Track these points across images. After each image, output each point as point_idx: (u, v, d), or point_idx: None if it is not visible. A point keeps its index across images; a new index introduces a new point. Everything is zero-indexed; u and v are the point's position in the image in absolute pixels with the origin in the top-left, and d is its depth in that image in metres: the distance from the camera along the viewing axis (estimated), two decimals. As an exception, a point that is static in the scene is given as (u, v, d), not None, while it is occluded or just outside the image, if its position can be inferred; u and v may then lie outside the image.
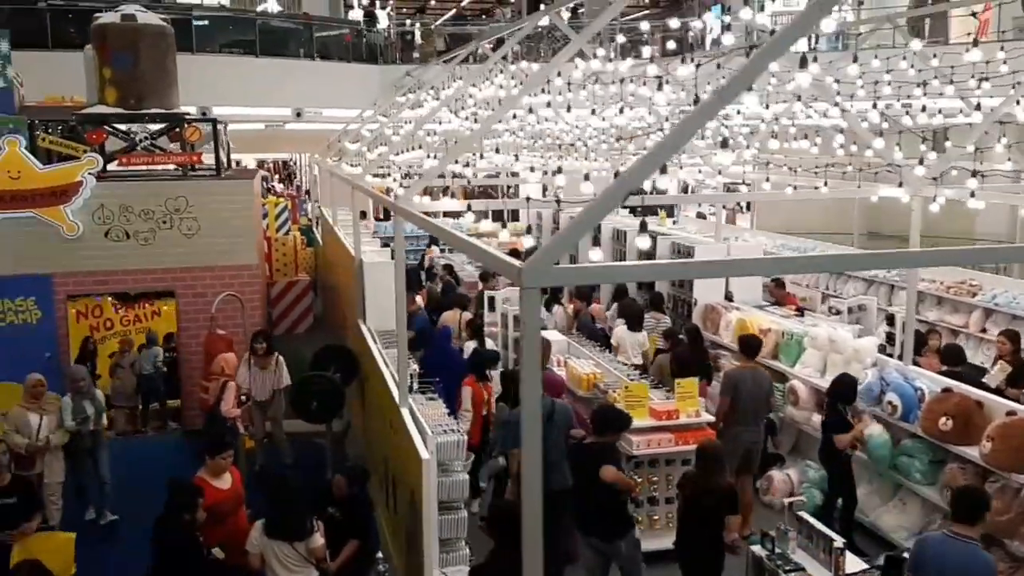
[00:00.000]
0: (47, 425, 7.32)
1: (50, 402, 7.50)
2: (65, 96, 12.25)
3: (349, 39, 21.25)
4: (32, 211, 9.19)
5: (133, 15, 10.26)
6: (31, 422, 7.28)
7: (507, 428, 6.66)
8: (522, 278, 2.86)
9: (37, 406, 7.40)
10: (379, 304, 8.73)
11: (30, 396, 7.41)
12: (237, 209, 9.85)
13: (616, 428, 5.92)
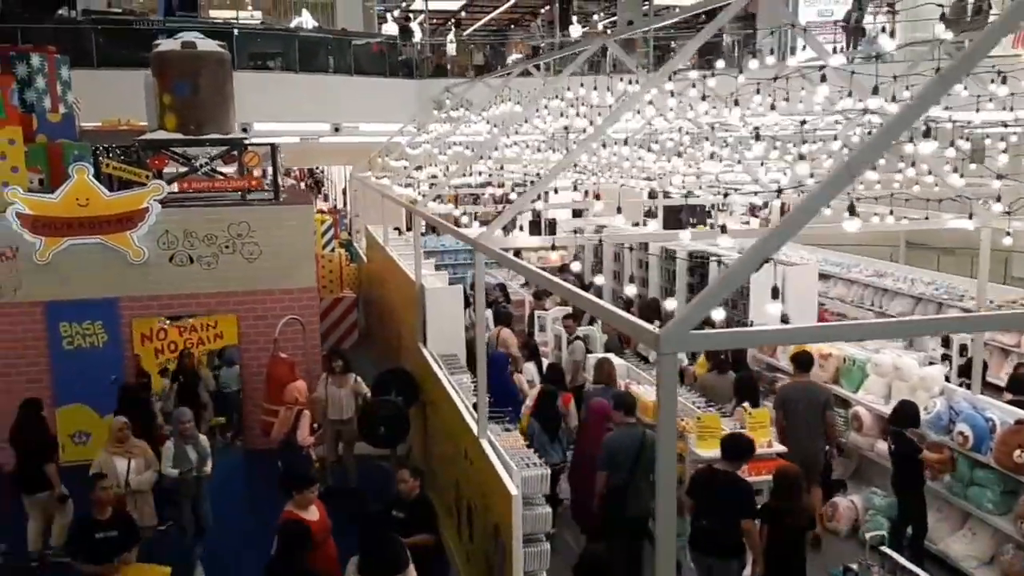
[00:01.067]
0: (135, 469, 7.06)
1: (136, 445, 7.24)
2: (120, 119, 12.49)
3: (376, 49, 21.46)
4: (100, 237, 9.42)
5: (193, 43, 10.48)
6: (117, 467, 7.02)
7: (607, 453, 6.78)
8: (660, 344, 2.97)
9: (123, 450, 7.15)
10: (441, 329, 8.88)
11: (115, 440, 7.15)
12: (297, 234, 10.03)
13: (748, 455, 6.11)
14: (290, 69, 18.91)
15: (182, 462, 7.18)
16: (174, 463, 7.17)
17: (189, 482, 7.22)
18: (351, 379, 8.79)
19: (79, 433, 9.73)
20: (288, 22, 24.47)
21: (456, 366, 8.39)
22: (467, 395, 7.51)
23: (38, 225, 9.23)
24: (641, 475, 6.63)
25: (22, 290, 9.39)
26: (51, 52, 11.16)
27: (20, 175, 9.39)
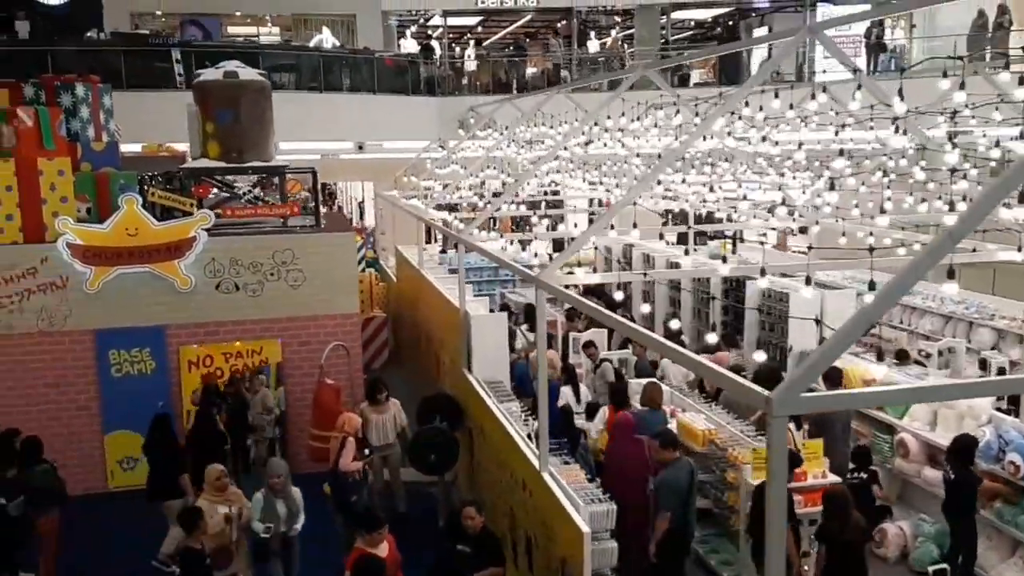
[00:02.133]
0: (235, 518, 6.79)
1: (234, 493, 7.01)
2: (160, 145, 12.67)
3: (390, 63, 21.64)
4: (148, 266, 9.58)
5: (235, 72, 10.66)
6: (219, 515, 6.76)
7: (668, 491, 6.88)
8: (772, 407, 3.08)
9: (223, 499, 6.93)
10: (485, 355, 9.01)
11: (214, 489, 6.90)
12: (339, 261, 10.18)
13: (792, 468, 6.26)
14: (314, 88, 19.11)
15: (270, 517, 6.90)
16: (262, 517, 6.89)
17: (275, 538, 6.95)
18: (392, 406, 8.91)
19: (127, 459, 9.88)
20: (308, 39, 24.67)
21: (503, 393, 8.51)
22: (518, 423, 7.65)
23: (88, 255, 9.39)
24: (692, 503, 6.98)
25: (72, 318, 9.55)
26: (94, 81, 11.36)
27: (69, 205, 9.56)
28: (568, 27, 27.33)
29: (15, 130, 9.36)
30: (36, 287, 9.41)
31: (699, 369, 4.32)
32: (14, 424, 9.41)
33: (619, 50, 21.48)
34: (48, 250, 9.38)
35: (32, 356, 9.54)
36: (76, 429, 9.73)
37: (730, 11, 27.06)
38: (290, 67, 19.60)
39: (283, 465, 7.08)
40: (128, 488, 9.87)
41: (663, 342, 4.46)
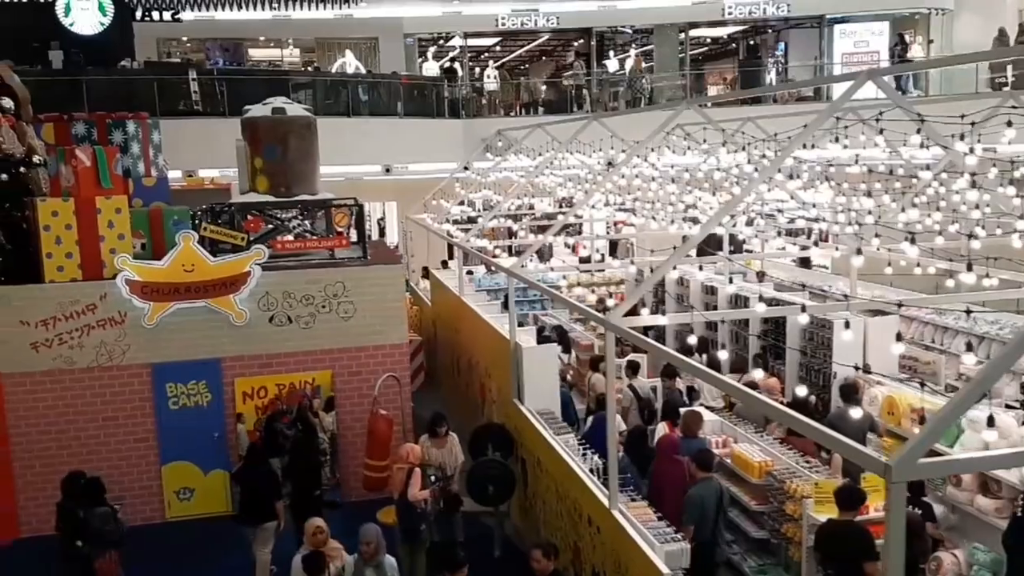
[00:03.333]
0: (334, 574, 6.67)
1: (335, 548, 6.87)
2: (205, 179, 12.91)
3: (406, 81, 21.88)
4: (204, 301, 9.79)
5: (283, 108, 10.90)
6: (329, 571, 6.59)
7: (692, 507, 7.20)
8: (891, 474, 3.25)
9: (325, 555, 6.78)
10: (537, 386, 9.20)
11: (312, 543, 6.84)
12: (389, 293, 10.39)
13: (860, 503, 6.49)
14: (342, 113, 19.37)
15: None
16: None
17: None
18: (451, 440, 9.10)
19: (183, 490, 10.08)
20: (331, 61, 24.98)
21: (557, 424, 8.69)
22: (574, 454, 7.83)
23: (147, 291, 9.61)
24: (721, 521, 7.37)
25: (130, 353, 9.77)
26: (144, 118, 11.61)
27: (126, 242, 9.79)
28: (585, 45, 27.62)
29: (74, 170, 9.58)
30: (96, 323, 9.63)
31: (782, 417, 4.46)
32: (74, 455, 9.74)
33: (641, 70, 21.70)
34: (107, 287, 9.60)
35: (92, 390, 9.75)
36: (134, 461, 9.93)
37: (744, 28, 27.29)
38: (317, 92, 19.90)
39: (374, 530, 6.84)
40: (185, 518, 10.10)
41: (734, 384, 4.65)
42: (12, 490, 9.70)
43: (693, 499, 7.23)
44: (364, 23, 24.00)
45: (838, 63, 23.07)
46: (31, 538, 9.67)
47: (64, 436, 9.74)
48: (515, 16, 24.15)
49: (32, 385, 9.62)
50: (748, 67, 22.67)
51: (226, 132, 16.58)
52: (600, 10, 24.06)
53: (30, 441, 9.68)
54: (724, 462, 8.38)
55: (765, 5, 23.47)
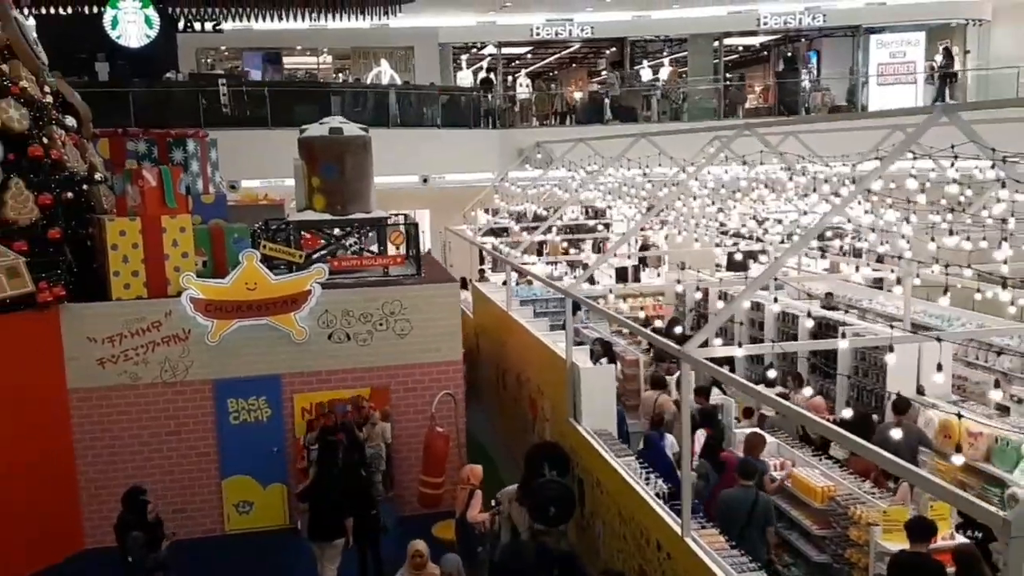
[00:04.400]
0: None
1: (431, 572, 7.02)
2: (258, 194, 13.11)
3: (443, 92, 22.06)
4: (266, 318, 9.98)
5: (340, 128, 11.07)
6: None
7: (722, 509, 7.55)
8: (1012, 530, 3.34)
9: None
10: (594, 406, 9.31)
11: (412, 566, 7.01)
12: (445, 310, 10.54)
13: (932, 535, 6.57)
14: (381, 124, 19.54)
15: None
16: None
17: None
18: None
19: (243, 503, 10.27)
20: (367, 70, 25.21)
21: (617, 445, 8.79)
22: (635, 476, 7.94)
23: (210, 308, 9.81)
24: (753, 531, 7.50)
25: (193, 369, 9.97)
26: (203, 136, 11.81)
27: (189, 260, 10.00)
28: (617, 53, 27.71)
29: (140, 190, 9.80)
30: (160, 339, 9.84)
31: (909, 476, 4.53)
32: (138, 469, 9.98)
33: (676, 80, 21.76)
34: (172, 304, 9.80)
35: (156, 405, 9.96)
36: (195, 475, 10.14)
37: (778, 38, 27.28)
38: (357, 104, 20.11)
39: (455, 562, 7.00)
40: (244, 531, 10.30)
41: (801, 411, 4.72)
42: (78, 502, 9.93)
43: (726, 502, 7.65)
44: (400, 32, 24.20)
45: (874, 75, 23.02)
46: (95, 549, 9.89)
47: (128, 450, 9.96)
48: (550, 26, 24.28)
49: (98, 400, 9.84)
50: (785, 79, 22.59)
51: (268, 143, 16.91)
52: (634, 20, 24.15)
53: (95, 454, 9.91)
54: (784, 486, 8.46)
55: (801, 15, 23.48)
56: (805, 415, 5.51)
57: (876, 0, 23.11)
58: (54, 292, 9.44)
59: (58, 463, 9.72)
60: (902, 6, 23.26)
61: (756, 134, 9.56)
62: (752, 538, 7.52)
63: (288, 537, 10.09)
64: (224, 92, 18.17)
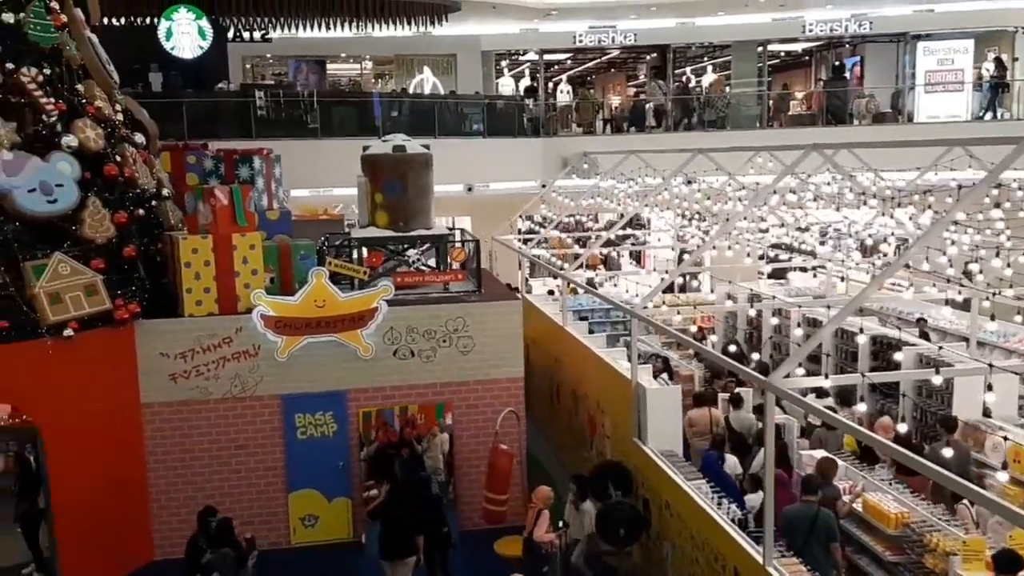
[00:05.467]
0: None
1: None
2: (318, 209, 13.29)
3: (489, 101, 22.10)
4: (334, 335, 10.13)
5: (403, 146, 11.20)
6: None
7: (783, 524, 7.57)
8: None
9: None
10: (660, 426, 9.36)
11: None
12: (507, 328, 10.63)
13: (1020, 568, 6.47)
14: (428, 134, 19.69)
15: None
16: None
17: None
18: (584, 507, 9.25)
19: (308, 516, 10.44)
20: (409, 77, 25.37)
21: (686, 468, 8.83)
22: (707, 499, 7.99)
23: (280, 325, 9.98)
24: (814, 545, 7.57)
25: (262, 384, 10.15)
26: (268, 154, 12.00)
27: (259, 277, 10.18)
28: (658, 58, 27.62)
29: (212, 208, 9.99)
30: (231, 355, 10.03)
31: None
32: (207, 482, 10.20)
33: (722, 89, 21.68)
34: (242, 321, 9.99)
35: (225, 420, 10.16)
36: (263, 488, 10.32)
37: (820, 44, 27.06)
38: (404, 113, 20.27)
39: None
40: (309, 544, 10.47)
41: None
42: (148, 514, 10.15)
43: (784, 515, 7.69)
44: (442, 40, 24.28)
45: (921, 83, 22.78)
46: (164, 561, 10.12)
47: (198, 463, 10.17)
48: (592, 33, 24.27)
49: (170, 414, 10.06)
50: (833, 87, 22.41)
51: (317, 153, 17.14)
52: (678, 27, 24.07)
53: (166, 467, 10.13)
54: (854, 510, 8.46)
55: (847, 22, 23.28)
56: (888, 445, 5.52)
57: (924, 7, 22.82)
58: (130, 309, 9.65)
59: (131, 476, 9.94)
60: (950, 13, 22.96)
61: (824, 155, 9.54)
62: (814, 553, 7.58)
63: (352, 551, 10.24)
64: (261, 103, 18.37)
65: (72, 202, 9.53)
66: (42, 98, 9.69)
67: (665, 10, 22.66)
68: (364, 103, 20.76)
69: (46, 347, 9.04)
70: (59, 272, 9.25)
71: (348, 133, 18.78)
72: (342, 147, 18.23)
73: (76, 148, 9.72)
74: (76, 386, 9.26)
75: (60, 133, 9.71)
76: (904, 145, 10.83)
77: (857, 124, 22.31)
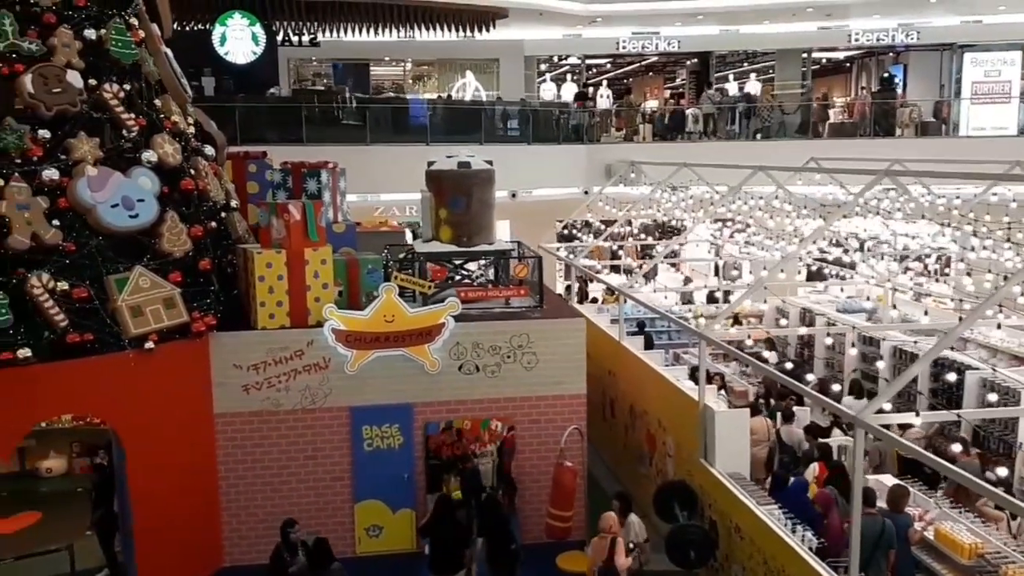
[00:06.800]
0: None
1: None
2: (378, 219, 13.45)
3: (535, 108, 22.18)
4: (402, 349, 10.29)
5: (468, 162, 11.33)
6: None
7: None
8: None
9: None
10: (728, 448, 9.45)
11: None
12: (571, 345, 10.73)
13: None
14: (474, 140, 19.82)
15: None
16: None
17: None
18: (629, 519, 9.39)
19: (373, 527, 10.62)
20: (450, 81, 25.54)
21: (754, 490, 8.92)
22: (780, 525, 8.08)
23: (351, 339, 10.15)
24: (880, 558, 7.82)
25: (331, 396, 10.32)
26: (334, 168, 12.17)
27: (329, 291, 10.34)
28: (697, 63, 27.61)
29: (286, 224, 10.16)
30: (302, 368, 10.21)
31: None
32: (276, 491, 10.39)
33: (770, 98, 21.64)
34: (313, 334, 10.16)
35: (295, 431, 10.34)
36: (330, 498, 10.50)
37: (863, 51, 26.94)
38: (450, 119, 20.42)
39: None
40: (373, 554, 10.64)
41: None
42: (219, 522, 10.37)
43: None
44: (485, 45, 24.39)
45: (967, 96, 22.64)
46: (234, 567, 10.35)
47: (268, 472, 10.37)
48: (636, 39, 24.32)
49: (241, 424, 10.25)
50: (882, 98, 22.30)
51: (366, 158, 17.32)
52: (722, 34, 24.06)
53: (237, 476, 10.33)
54: (926, 538, 8.51)
55: (894, 32, 23.17)
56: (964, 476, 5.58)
57: (972, 18, 22.68)
58: (206, 321, 9.85)
59: (204, 483, 10.15)
60: (998, 25, 22.81)
61: (897, 182, 9.56)
62: (880, 566, 7.79)
63: (415, 561, 10.38)
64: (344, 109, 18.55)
65: (152, 217, 9.73)
66: (123, 114, 9.89)
67: (710, 18, 22.66)
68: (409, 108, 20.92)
69: (128, 359, 9.25)
70: (140, 285, 9.45)
71: (396, 139, 19.00)
72: (390, 153, 18.50)
73: (155, 163, 9.91)
74: (154, 397, 9.47)
75: (140, 148, 9.91)
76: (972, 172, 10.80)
77: (900, 134, 22.21)
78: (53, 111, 9.41)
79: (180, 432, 9.81)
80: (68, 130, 9.52)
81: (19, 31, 9.48)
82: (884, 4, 20.69)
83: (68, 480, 12.81)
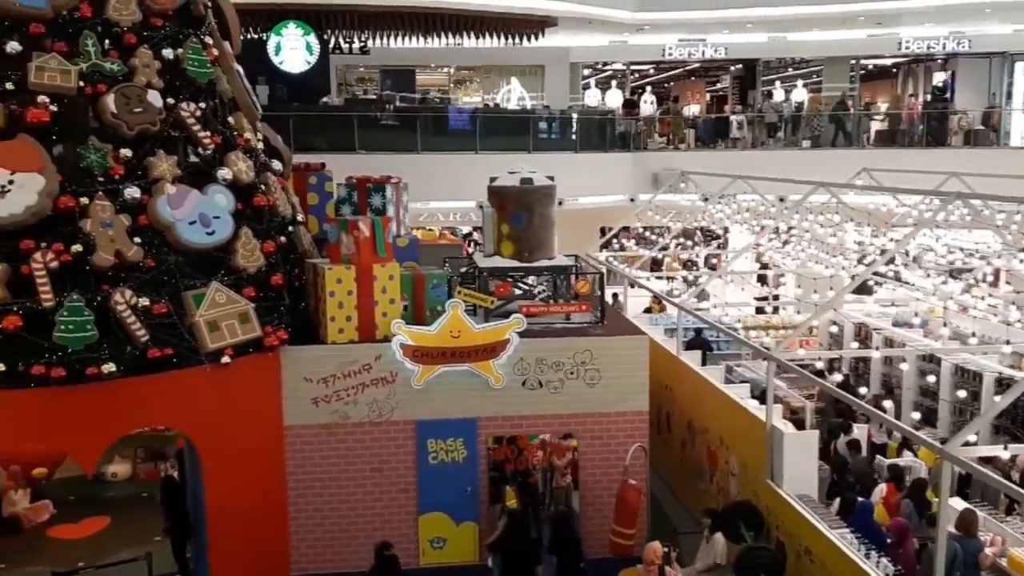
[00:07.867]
0: None
1: None
2: (435, 231, 13.61)
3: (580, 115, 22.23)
4: (468, 365, 10.43)
5: (530, 178, 11.45)
6: None
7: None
8: None
9: None
10: (796, 470, 9.48)
11: None
12: (634, 362, 10.79)
13: None
14: (522, 149, 19.92)
15: None
16: None
17: None
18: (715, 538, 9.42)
19: (437, 539, 10.77)
20: (495, 87, 25.66)
21: (826, 514, 8.93)
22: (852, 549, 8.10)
23: (418, 354, 10.30)
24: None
25: (398, 410, 10.49)
26: (398, 183, 12.36)
27: (396, 306, 10.51)
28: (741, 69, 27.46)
29: (355, 240, 10.34)
30: (369, 381, 10.39)
31: None
32: (343, 503, 10.66)
33: (817, 107, 21.51)
34: (381, 349, 10.33)
35: (361, 443, 10.52)
36: (395, 509, 10.67)
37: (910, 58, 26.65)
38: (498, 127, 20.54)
39: None
40: (437, 565, 10.80)
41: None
42: (287, 532, 10.57)
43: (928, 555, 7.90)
44: (531, 51, 24.43)
45: (1019, 107, 22.33)
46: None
47: (335, 484, 10.55)
48: (682, 46, 24.27)
49: (310, 436, 10.45)
50: (935, 108, 22.07)
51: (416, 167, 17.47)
52: (769, 41, 23.94)
53: (305, 487, 10.53)
54: (998, 564, 8.48)
55: (944, 40, 22.90)
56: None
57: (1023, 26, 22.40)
58: (278, 336, 10.05)
59: (273, 494, 10.36)
60: (1053, 32, 22.49)
61: (970, 206, 9.51)
62: None
63: (479, 574, 10.55)
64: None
65: (228, 233, 9.94)
66: (200, 132, 10.11)
67: (759, 25, 22.55)
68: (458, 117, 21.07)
69: (206, 373, 9.48)
70: (216, 301, 9.66)
71: (445, 147, 19.16)
72: (439, 160, 18.67)
73: (230, 180, 10.12)
74: (230, 410, 9.69)
75: (216, 166, 10.13)
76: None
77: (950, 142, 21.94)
78: (135, 130, 9.65)
79: (253, 444, 10.02)
80: (148, 149, 9.76)
81: (101, 51, 9.74)
82: (937, 12, 20.46)
83: (133, 484, 13.21)
